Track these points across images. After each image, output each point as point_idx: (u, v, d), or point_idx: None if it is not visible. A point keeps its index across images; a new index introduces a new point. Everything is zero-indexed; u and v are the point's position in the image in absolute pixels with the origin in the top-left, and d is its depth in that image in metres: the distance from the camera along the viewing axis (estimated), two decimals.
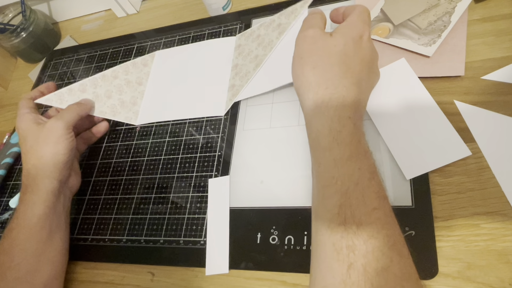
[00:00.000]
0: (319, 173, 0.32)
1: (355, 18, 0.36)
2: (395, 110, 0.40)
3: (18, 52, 0.68)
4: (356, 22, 0.35)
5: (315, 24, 0.37)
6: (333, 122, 0.32)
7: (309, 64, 0.35)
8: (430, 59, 0.41)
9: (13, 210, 0.53)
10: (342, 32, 0.35)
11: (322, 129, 0.32)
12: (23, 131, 0.44)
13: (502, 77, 0.39)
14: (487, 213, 0.34)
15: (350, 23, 0.36)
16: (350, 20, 0.36)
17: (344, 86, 0.33)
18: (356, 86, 0.34)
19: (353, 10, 0.37)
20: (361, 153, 0.31)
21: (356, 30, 0.35)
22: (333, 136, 0.31)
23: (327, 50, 0.34)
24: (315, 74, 0.34)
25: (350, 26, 0.35)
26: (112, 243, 0.45)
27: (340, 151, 0.31)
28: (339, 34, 0.35)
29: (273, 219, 0.39)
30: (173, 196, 0.45)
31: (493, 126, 0.37)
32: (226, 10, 0.58)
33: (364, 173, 0.30)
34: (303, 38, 0.36)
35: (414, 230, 0.34)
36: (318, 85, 0.34)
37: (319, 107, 0.33)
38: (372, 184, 0.30)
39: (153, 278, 0.42)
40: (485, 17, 0.42)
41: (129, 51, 0.61)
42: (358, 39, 0.35)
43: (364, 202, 0.28)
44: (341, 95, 0.33)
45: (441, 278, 0.32)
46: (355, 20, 0.36)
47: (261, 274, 0.38)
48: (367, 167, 0.30)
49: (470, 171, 0.36)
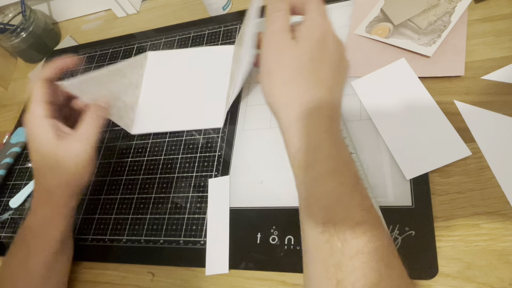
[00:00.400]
0: (300, 191, 0.31)
1: (314, 14, 0.33)
2: (395, 110, 0.40)
3: (18, 52, 0.68)
4: (316, 19, 0.33)
5: (279, 29, 0.33)
6: (310, 139, 0.30)
7: (279, 79, 0.32)
8: (430, 59, 0.41)
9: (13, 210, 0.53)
10: (306, 36, 0.32)
11: (299, 147, 0.31)
12: (39, 143, 0.39)
13: (502, 77, 0.39)
14: (487, 213, 0.34)
15: (311, 23, 0.33)
16: (309, 18, 0.33)
17: (318, 98, 0.31)
18: (330, 94, 0.32)
19: (307, 2, 0.33)
20: (341, 165, 0.30)
21: (319, 30, 0.32)
22: (311, 153, 0.30)
23: (296, 61, 0.32)
24: (287, 90, 0.32)
25: (312, 27, 0.33)
26: (112, 243, 0.45)
27: (320, 168, 0.30)
28: (304, 40, 0.32)
29: (273, 219, 0.40)
30: (173, 196, 0.45)
31: (493, 126, 0.37)
32: (226, 10, 0.58)
33: (346, 187, 0.29)
34: (268, 48, 0.33)
35: (414, 230, 0.34)
36: (291, 101, 0.32)
37: (295, 125, 0.31)
38: (355, 196, 0.29)
39: (153, 278, 0.42)
40: (485, 17, 0.42)
41: (129, 51, 0.61)
42: (323, 41, 0.32)
43: (348, 217, 0.28)
44: (316, 110, 0.31)
45: (441, 278, 0.32)
46: (314, 17, 0.33)
47: (261, 274, 0.38)
48: (349, 179, 0.29)
49: (470, 171, 0.36)
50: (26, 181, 0.55)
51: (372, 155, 0.39)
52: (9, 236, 0.51)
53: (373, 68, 0.43)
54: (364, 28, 0.46)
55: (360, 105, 0.42)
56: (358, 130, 0.41)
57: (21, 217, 0.52)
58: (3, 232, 0.51)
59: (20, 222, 0.51)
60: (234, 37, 0.55)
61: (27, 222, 0.41)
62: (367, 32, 0.46)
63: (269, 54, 0.33)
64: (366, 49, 0.45)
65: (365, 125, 0.41)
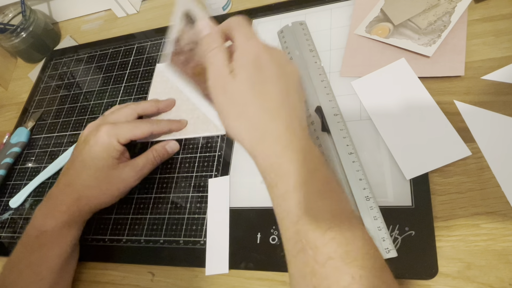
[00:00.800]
0: (274, 206, 0.32)
1: (242, 39, 0.33)
2: (395, 110, 0.40)
3: (18, 52, 0.68)
4: (244, 43, 0.33)
5: (217, 69, 0.33)
6: (271, 160, 0.31)
7: (230, 117, 0.33)
8: (430, 59, 0.41)
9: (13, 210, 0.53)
10: (240, 64, 0.32)
11: (264, 167, 0.32)
12: (101, 158, 0.43)
13: (502, 77, 0.39)
14: (487, 213, 0.34)
15: (241, 49, 0.33)
16: (238, 44, 0.33)
17: (272, 128, 0.31)
18: (279, 117, 0.32)
19: (232, 28, 0.34)
20: (308, 176, 0.30)
21: (249, 53, 0.32)
22: (274, 173, 0.31)
23: (239, 96, 0.32)
24: (240, 127, 0.32)
25: (242, 53, 0.32)
26: (112, 243, 0.45)
27: (284, 186, 0.30)
28: (239, 69, 0.32)
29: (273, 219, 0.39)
30: (173, 196, 0.45)
31: (493, 126, 0.37)
32: (226, 10, 0.58)
33: (313, 196, 0.29)
34: (212, 87, 0.33)
35: (414, 230, 0.34)
36: (247, 138, 0.32)
37: (255, 152, 0.32)
38: (325, 203, 0.29)
39: (153, 278, 0.42)
40: (485, 17, 0.42)
41: (129, 51, 0.61)
42: (257, 62, 0.32)
43: (317, 226, 0.28)
44: (271, 143, 0.31)
45: (441, 278, 0.32)
46: (243, 42, 0.33)
47: (261, 274, 0.38)
48: (316, 187, 0.30)
49: (470, 171, 0.36)
50: (26, 181, 0.55)
51: (372, 155, 0.39)
52: (9, 236, 0.51)
53: (373, 68, 0.43)
54: (364, 28, 0.46)
55: (360, 105, 0.42)
56: (358, 130, 0.41)
57: (21, 217, 0.52)
58: (3, 232, 0.51)
59: (20, 222, 0.51)
60: None
61: (41, 224, 0.41)
62: (367, 32, 0.46)
63: (214, 92, 0.34)
64: (366, 49, 0.45)
65: (365, 125, 0.41)
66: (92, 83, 0.61)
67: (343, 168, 0.38)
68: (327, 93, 0.43)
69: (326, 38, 0.49)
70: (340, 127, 0.40)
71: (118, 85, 0.58)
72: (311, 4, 0.52)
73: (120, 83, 0.58)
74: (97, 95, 0.59)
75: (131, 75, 0.58)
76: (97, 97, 0.58)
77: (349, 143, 0.39)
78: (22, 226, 0.51)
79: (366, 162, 0.39)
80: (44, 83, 0.65)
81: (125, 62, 0.60)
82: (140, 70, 0.58)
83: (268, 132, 0.31)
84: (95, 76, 0.61)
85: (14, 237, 0.50)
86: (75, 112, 0.59)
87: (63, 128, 0.58)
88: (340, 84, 0.44)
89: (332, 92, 0.43)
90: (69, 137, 0.56)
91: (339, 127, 0.40)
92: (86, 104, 0.59)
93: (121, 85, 0.58)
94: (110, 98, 0.57)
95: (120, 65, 0.60)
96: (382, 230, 0.34)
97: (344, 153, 0.39)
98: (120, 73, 0.59)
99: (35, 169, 0.55)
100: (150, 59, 0.59)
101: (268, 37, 0.52)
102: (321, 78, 0.44)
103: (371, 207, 0.35)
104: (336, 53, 0.47)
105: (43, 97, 0.63)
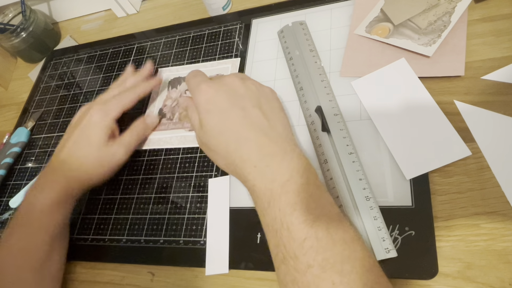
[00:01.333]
0: (257, 211, 0.35)
1: (192, 95, 0.40)
2: (395, 110, 0.40)
3: (18, 52, 0.68)
4: (194, 98, 0.40)
5: (192, 122, 0.41)
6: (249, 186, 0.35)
7: (216, 157, 0.39)
8: (430, 59, 0.41)
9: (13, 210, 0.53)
10: (201, 117, 0.39)
11: (249, 186, 0.36)
12: (92, 138, 0.44)
13: (502, 77, 0.39)
14: (487, 213, 0.34)
15: (195, 102, 0.40)
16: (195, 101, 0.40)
17: (240, 155, 0.35)
18: (248, 137, 0.36)
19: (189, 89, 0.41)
20: (276, 195, 0.32)
21: (200, 104, 0.39)
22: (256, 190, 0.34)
23: (211, 141, 0.38)
24: (221, 159, 0.38)
25: (197, 106, 0.39)
26: (112, 243, 0.45)
27: (261, 204, 0.33)
28: (202, 120, 0.38)
29: None
30: (173, 196, 0.45)
31: (493, 126, 0.37)
32: (226, 10, 0.58)
33: (285, 210, 0.31)
34: (197, 142, 0.42)
35: (414, 230, 0.34)
36: (229, 168, 0.38)
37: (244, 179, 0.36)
38: (295, 215, 0.30)
39: (153, 278, 0.42)
40: (485, 17, 0.42)
41: (129, 51, 0.61)
42: (208, 106, 0.38)
43: (293, 237, 0.29)
44: (240, 164, 0.36)
45: (441, 278, 0.32)
46: (193, 97, 0.40)
47: (261, 274, 0.38)
48: (290, 201, 0.31)
49: (470, 171, 0.36)
50: (26, 181, 0.55)
51: (372, 155, 0.39)
52: None
53: (373, 68, 0.43)
54: (364, 28, 0.46)
55: (360, 105, 0.42)
56: (358, 130, 0.41)
57: None
58: (3, 232, 0.51)
59: None
60: (234, 37, 0.55)
61: (32, 202, 0.42)
62: (367, 32, 0.46)
63: (200, 146, 0.42)
64: (366, 49, 0.45)
65: (365, 125, 0.41)
66: (92, 83, 0.61)
67: (343, 168, 0.38)
68: (327, 93, 0.43)
69: (326, 38, 0.49)
70: (340, 127, 0.40)
71: None
72: (311, 4, 0.52)
73: None
74: (97, 95, 0.59)
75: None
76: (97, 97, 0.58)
77: (349, 143, 0.39)
78: None
79: (366, 162, 0.39)
80: (44, 83, 0.65)
81: (125, 62, 0.60)
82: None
83: (237, 168, 0.36)
84: (95, 76, 0.61)
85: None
86: (75, 112, 0.59)
87: (63, 128, 0.58)
88: (340, 84, 0.44)
89: (332, 92, 0.43)
90: None
91: (339, 127, 0.40)
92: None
93: None
94: None
95: (120, 65, 0.60)
96: (382, 230, 0.34)
97: (344, 153, 0.39)
98: (120, 73, 0.59)
99: (35, 169, 0.55)
100: (150, 59, 0.59)
101: (268, 37, 0.52)
102: (321, 78, 0.44)
103: (371, 207, 0.35)
104: (336, 53, 0.47)
105: (43, 97, 0.63)
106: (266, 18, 0.54)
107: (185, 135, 0.49)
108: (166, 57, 0.58)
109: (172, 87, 0.53)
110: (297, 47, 0.48)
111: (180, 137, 0.49)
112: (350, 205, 0.36)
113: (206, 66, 0.53)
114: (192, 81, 0.41)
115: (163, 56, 0.58)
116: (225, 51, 0.54)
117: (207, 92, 0.38)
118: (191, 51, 0.56)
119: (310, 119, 0.42)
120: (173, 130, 0.50)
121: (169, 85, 0.54)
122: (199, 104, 0.38)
